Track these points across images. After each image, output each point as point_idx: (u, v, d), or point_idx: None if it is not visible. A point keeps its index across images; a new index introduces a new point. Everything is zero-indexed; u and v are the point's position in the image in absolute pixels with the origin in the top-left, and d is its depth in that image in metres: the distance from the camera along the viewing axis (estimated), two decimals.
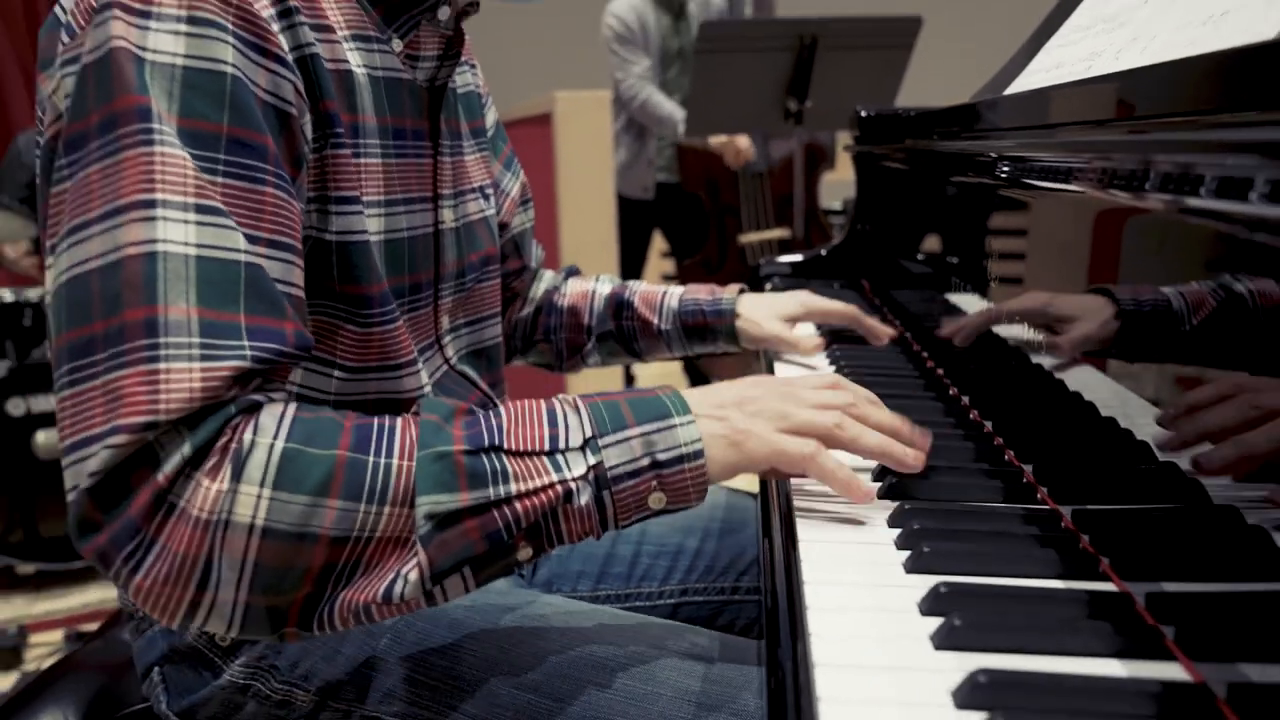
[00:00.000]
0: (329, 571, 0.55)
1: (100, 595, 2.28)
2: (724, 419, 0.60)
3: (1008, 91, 1.00)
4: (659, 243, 3.61)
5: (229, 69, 0.58)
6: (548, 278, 1.12)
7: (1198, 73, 0.51)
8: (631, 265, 3.44)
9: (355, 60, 0.69)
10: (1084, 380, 0.64)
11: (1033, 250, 0.80)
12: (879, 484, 0.63)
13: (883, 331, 1.07)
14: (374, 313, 0.69)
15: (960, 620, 0.40)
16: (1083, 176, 0.65)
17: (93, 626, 1.95)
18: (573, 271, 1.16)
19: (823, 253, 1.52)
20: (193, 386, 0.53)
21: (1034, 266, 0.80)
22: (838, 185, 3.19)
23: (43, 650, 2.03)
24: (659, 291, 1.09)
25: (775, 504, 0.62)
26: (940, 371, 0.96)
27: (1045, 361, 0.72)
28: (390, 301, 0.71)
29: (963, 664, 0.38)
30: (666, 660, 0.67)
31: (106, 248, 0.55)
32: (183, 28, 0.57)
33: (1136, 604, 0.43)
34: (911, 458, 0.61)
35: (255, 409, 0.56)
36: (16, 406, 2.27)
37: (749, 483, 0.71)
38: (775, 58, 2.33)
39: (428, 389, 0.76)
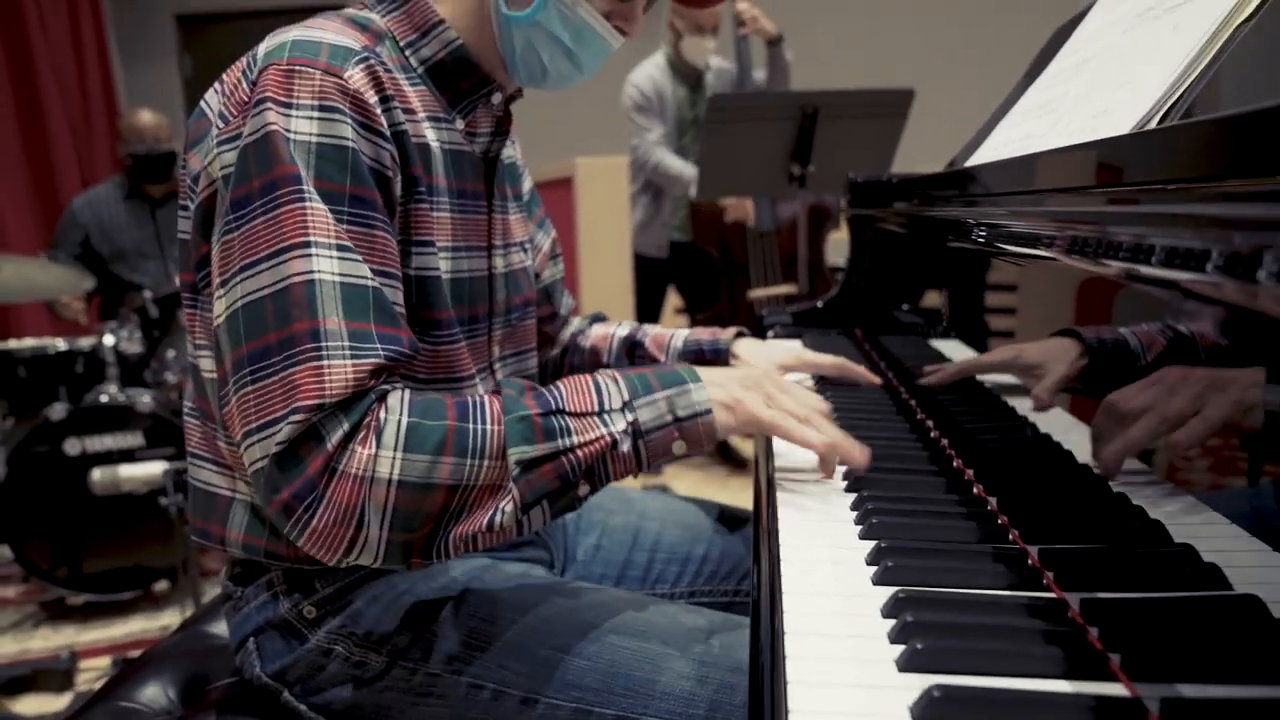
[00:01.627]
0: (445, 512, 0.73)
1: (143, 625, 2.41)
2: (727, 390, 0.80)
3: (969, 163, 1.16)
4: (674, 299, 3.78)
5: (349, 143, 0.77)
6: (574, 323, 1.29)
7: (1087, 156, 0.67)
8: (647, 319, 3.59)
9: (431, 135, 0.87)
10: (1046, 420, 0.79)
11: (991, 297, 0.96)
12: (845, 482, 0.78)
13: (869, 379, 1.20)
14: (442, 334, 0.87)
15: (921, 644, 0.47)
16: (1005, 235, 0.81)
17: (137, 653, 2.08)
18: (598, 318, 1.32)
19: (819, 304, 1.68)
20: (347, 378, 0.72)
21: (994, 312, 0.96)
22: (843, 243, 3.36)
23: (91, 675, 2.16)
24: (668, 333, 1.25)
25: (765, 530, 0.75)
26: (918, 409, 1.10)
27: (1014, 404, 0.86)
28: (455, 326, 0.88)
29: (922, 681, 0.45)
30: (677, 629, 0.81)
31: (276, 278, 0.73)
32: (316, 114, 0.76)
33: (1071, 610, 0.54)
34: (859, 455, 0.78)
35: (385, 394, 0.74)
36: (73, 446, 2.42)
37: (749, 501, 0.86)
38: (779, 127, 2.53)
39: (474, 396, 0.92)
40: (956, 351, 1.08)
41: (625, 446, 0.76)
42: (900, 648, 0.49)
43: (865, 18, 5.22)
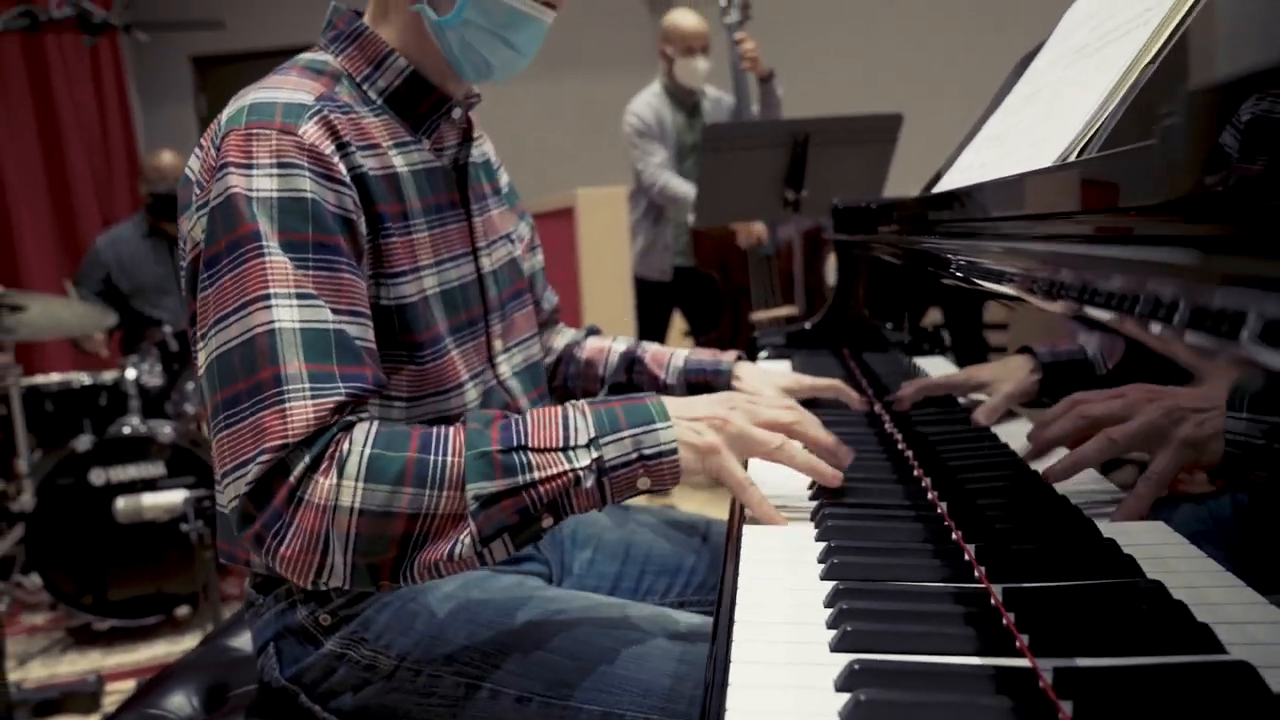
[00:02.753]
0: (407, 539, 0.77)
1: (166, 649, 2.48)
2: (697, 433, 0.80)
3: (937, 187, 1.24)
4: (679, 322, 3.86)
5: (308, 194, 0.84)
6: (569, 334, 1.35)
7: (1024, 185, 0.75)
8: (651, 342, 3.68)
9: (399, 162, 0.94)
10: (1004, 430, 0.85)
11: (960, 317, 1.03)
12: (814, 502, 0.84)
13: (859, 400, 1.24)
14: (426, 354, 0.94)
15: (850, 626, 0.54)
16: (962, 264, 0.88)
17: None
18: (593, 330, 1.37)
19: (807, 326, 1.75)
20: (308, 418, 0.77)
21: (968, 331, 1.03)
22: None
23: (118, 697, 2.23)
24: (667, 352, 1.30)
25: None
26: (888, 423, 1.17)
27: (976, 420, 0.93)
28: (441, 341, 0.95)
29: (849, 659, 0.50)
30: (659, 633, 0.88)
31: (242, 330, 0.79)
32: (275, 171, 0.83)
33: (994, 598, 0.60)
34: (831, 477, 0.82)
35: (350, 427, 0.80)
36: (98, 476, 2.52)
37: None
38: (773, 153, 2.61)
39: (473, 406, 0.99)
40: (939, 369, 1.14)
41: (589, 483, 0.78)
42: (834, 633, 0.56)
43: (857, 40, 5.32)
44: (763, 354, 1.74)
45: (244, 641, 1.14)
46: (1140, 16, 0.78)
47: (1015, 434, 0.81)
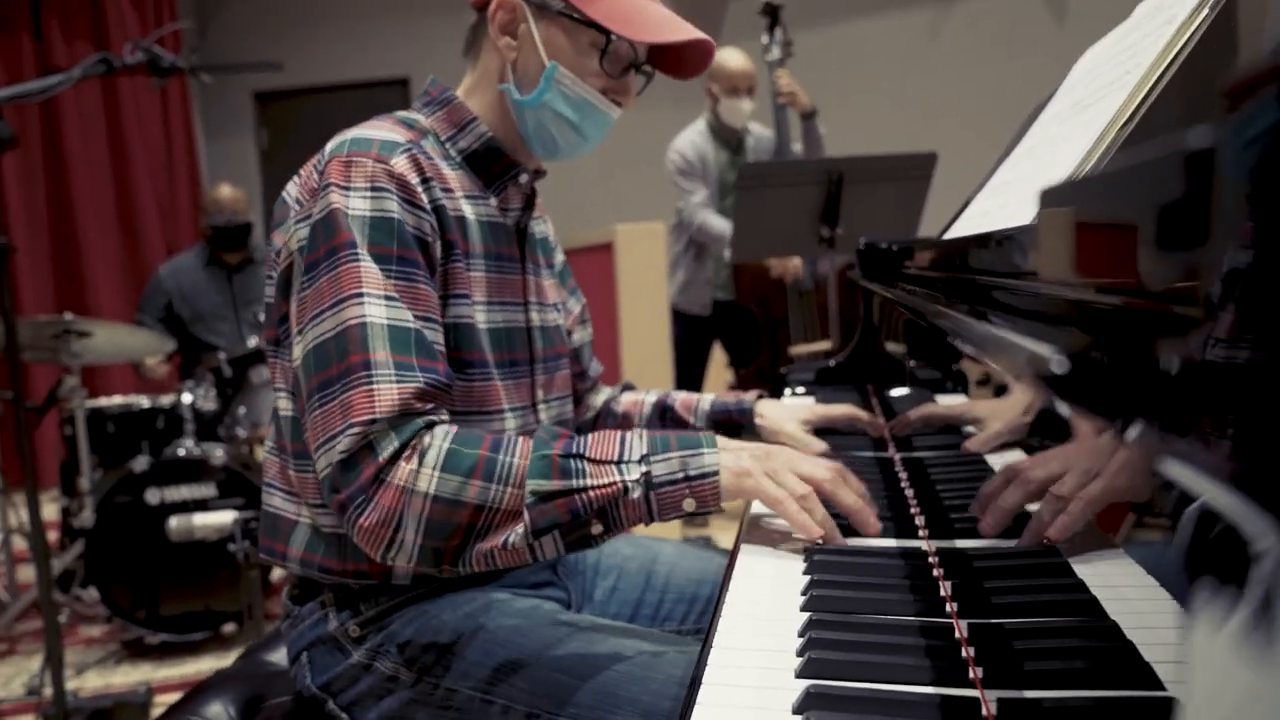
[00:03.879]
0: (471, 529, 0.87)
1: (212, 664, 2.57)
2: (738, 460, 0.89)
3: (949, 233, 1.27)
4: (719, 355, 3.90)
5: (395, 215, 0.95)
6: (606, 391, 1.43)
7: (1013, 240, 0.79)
8: (692, 374, 3.73)
9: (467, 210, 1.05)
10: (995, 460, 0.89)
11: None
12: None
13: (876, 426, 1.31)
14: (475, 372, 1.03)
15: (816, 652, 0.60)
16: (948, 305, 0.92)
17: None
18: (628, 386, 1.46)
19: (831, 363, 1.79)
20: (394, 398, 0.88)
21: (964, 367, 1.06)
22: None
23: (165, 708, 2.32)
24: (695, 397, 1.38)
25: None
26: (896, 460, 1.20)
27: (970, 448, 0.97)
28: (488, 366, 1.04)
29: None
30: (665, 656, 0.92)
31: (336, 323, 0.90)
32: (368, 194, 0.95)
33: (959, 632, 0.64)
34: (838, 542, 0.86)
35: (433, 425, 0.89)
36: (153, 496, 2.63)
37: None
38: (808, 191, 2.66)
39: (511, 434, 1.06)
40: (949, 402, 1.18)
41: (636, 494, 0.87)
42: (801, 660, 0.60)
43: (896, 79, 5.36)
44: (789, 391, 1.78)
45: (280, 656, 1.21)
46: (1120, 80, 0.82)
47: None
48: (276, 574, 2.99)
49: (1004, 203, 1.02)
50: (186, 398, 2.84)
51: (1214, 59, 0.69)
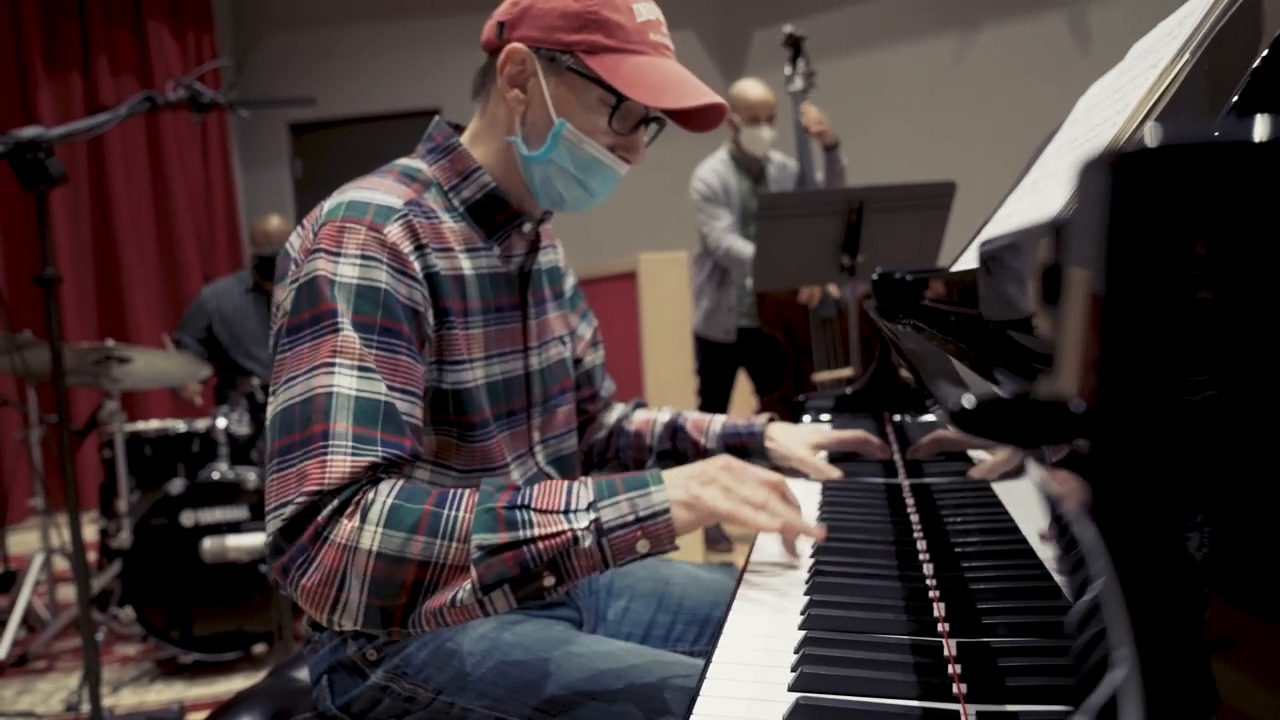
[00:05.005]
0: (418, 586, 0.85)
1: (242, 683, 2.62)
2: (685, 489, 0.89)
3: (958, 265, 1.30)
4: (743, 381, 3.93)
5: (383, 285, 0.95)
6: (619, 409, 1.46)
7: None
8: (717, 401, 3.77)
9: (466, 266, 1.06)
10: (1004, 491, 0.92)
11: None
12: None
13: (886, 451, 1.34)
14: (476, 434, 1.05)
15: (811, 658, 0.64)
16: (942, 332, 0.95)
17: None
18: (640, 404, 1.49)
19: (848, 391, 1.81)
20: (344, 470, 0.87)
21: None
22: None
23: None
24: (706, 418, 1.41)
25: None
26: (904, 485, 1.23)
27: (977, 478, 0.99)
28: (489, 425, 1.06)
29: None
30: (674, 675, 0.95)
31: (305, 390, 0.91)
32: (358, 261, 0.95)
33: (948, 650, 0.67)
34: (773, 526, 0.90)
35: (378, 481, 0.89)
36: (188, 518, 2.70)
37: None
38: (829, 221, 2.69)
39: (458, 490, 1.09)
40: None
41: (588, 543, 0.85)
42: (794, 674, 0.63)
43: (919, 107, 5.39)
44: (806, 418, 1.81)
45: (306, 674, 1.25)
46: (1111, 120, 0.85)
47: (1018, 495, 0.88)
48: None
49: (1036, 202, 1.05)
50: (221, 422, 2.92)
51: (1193, 104, 0.72)
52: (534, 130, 1.07)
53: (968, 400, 0.35)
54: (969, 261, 1.22)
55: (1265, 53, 0.53)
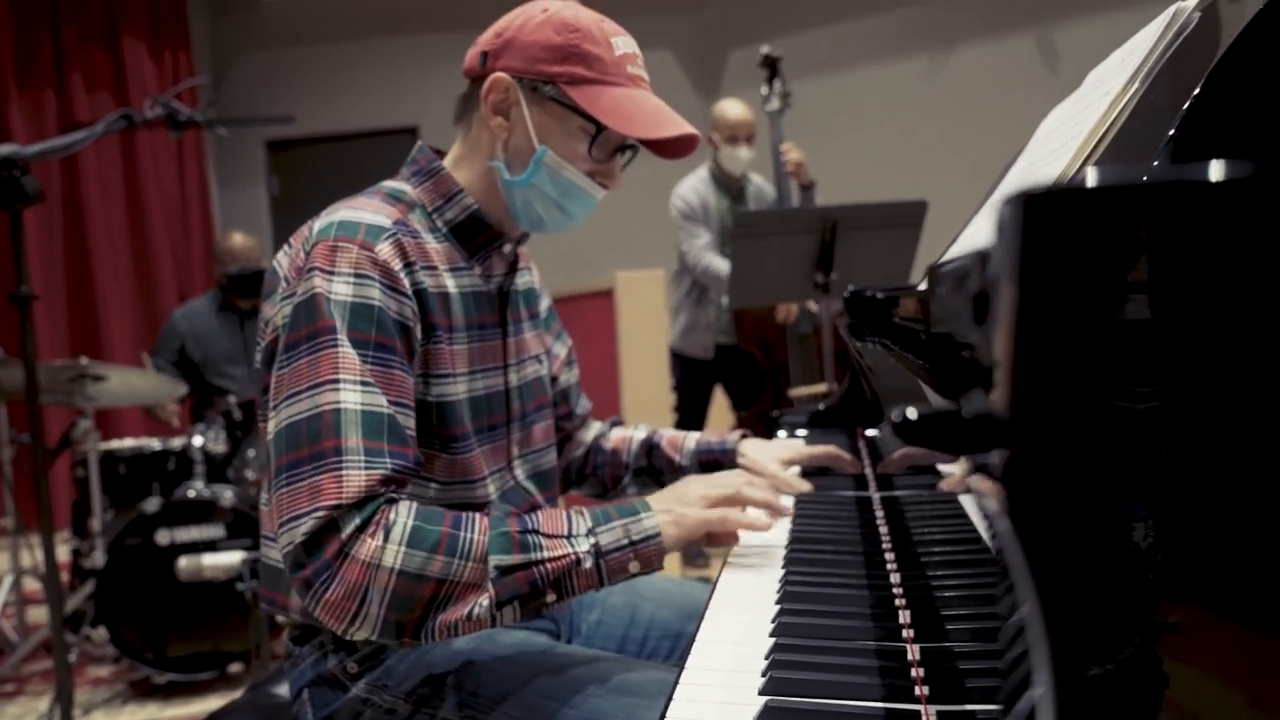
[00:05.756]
0: (432, 602, 0.90)
1: (218, 703, 2.60)
2: (669, 511, 0.96)
3: (943, 258, 1.34)
4: (720, 398, 3.96)
5: (376, 302, 0.98)
6: (596, 427, 1.48)
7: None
8: (694, 417, 3.79)
9: (450, 284, 1.09)
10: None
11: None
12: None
13: (856, 465, 1.37)
14: (459, 446, 1.07)
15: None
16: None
17: None
18: (617, 422, 1.51)
19: (821, 407, 1.85)
20: (360, 484, 0.90)
21: None
22: None
23: None
24: (681, 436, 1.44)
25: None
26: (875, 497, 1.26)
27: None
28: (470, 439, 1.08)
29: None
30: (650, 684, 0.97)
31: (311, 406, 0.93)
32: (351, 280, 0.98)
33: (911, 655, 0.70)
34: (763, 526, 1.01)
35: (395, 502, 0.93)
36: (164, 537, 2.68)
37: None
38: (803, 239, 2.73)
39: (494, 498, 1.12)
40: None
41: (588, 564, 0.94)
42: (764, 680, 0.66)
43: (894, 126, 5.48)
44: (781, 433, 1.84)
45: (285, 690, 1.26)
46: (1066, 145, 0.89)
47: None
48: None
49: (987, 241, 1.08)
50: (197, 440, 2.91)
51: (1142, 134, 0.76)
52: (516, 156, 1.10)
53: (910, 412, 0.37)
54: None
55: (1197, 91, 0.56)
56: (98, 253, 5.35)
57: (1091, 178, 0.30)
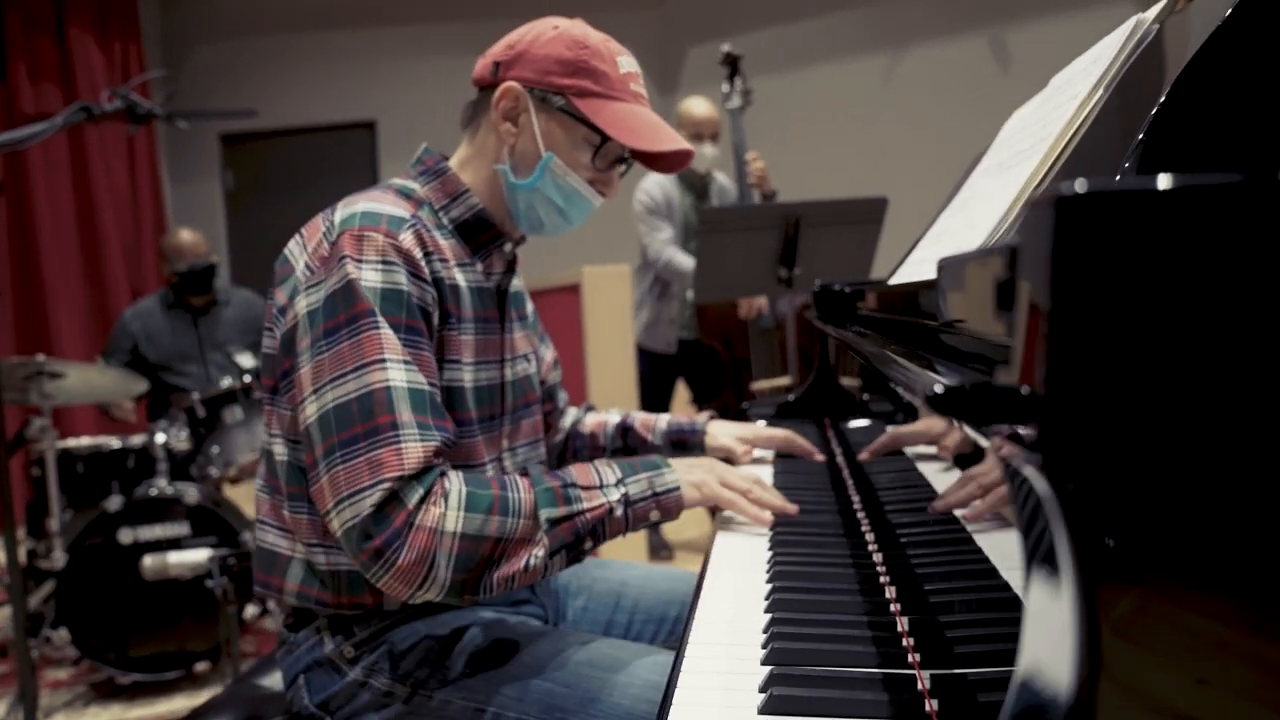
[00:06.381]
0: (490, 559, 0.97)
1: (184, 703, 2.59)
2: (691, 473, 1.10)
3: (895, 278, 1.39)
4: (683, 391, 4.01)
5: (404, 287, 1.03)
6: (572, 413, 1.53)
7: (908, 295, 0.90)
8: (657, 409, 3.83)
9: (460, 278, 1.13)
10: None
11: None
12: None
13: (813, 453, 1.44)
14: (463, 430, 1.11)
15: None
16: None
17: None
18: (590, 408, 1.56)
19: (790, 398, 1.90)
20: (418, 455, 0.95)
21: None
22: None
23: None
24: (653, 418, 1.50)
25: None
26: (849, 483, 1.31)
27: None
28: (474, 424, 1.13)
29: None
30: (643, 662, 1.01)
31: (359, 385, 0.97)
32: (380, 267, 1.02)
33: (900, 625, 0.74)
34: (766, 519, 1.07)
35: (446, 473, 0.98)
36: (126, 536, 2.65)
37: None
38: (767, 235, 2.79)
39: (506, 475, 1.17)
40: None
41: (619, 512, 1.04)
42: (764, 650, 0.70)
43: (854, 124, 5.57)
44: (761, 423, 1.88)
45: (271, 681, 1.27)
46: (1035, 148, 0.94)
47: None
48: (249, 612, 3.01)
49: (940, 252, 1.13)
50: (160, 437, 2.87)
51: (1106, 136, 0.81)
52: (523, 160, 1.16)
53: (938, 387, 0.41)
54: (905, 275, 1.31)
55: (1163, 99, 0.61)
56: (45, 248, 5.22)
57: (1122, 181, 0.33)
